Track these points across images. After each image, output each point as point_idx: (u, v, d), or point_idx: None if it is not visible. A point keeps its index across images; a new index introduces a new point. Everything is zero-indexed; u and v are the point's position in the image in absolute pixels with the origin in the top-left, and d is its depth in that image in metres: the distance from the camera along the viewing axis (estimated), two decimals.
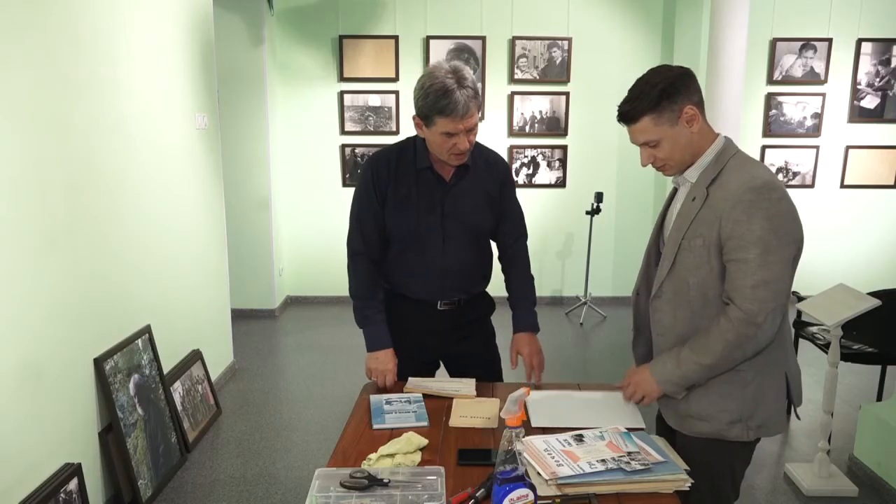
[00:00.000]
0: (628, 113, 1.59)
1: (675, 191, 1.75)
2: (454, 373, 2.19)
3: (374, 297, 2.01)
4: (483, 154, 2.02)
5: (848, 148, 5.81)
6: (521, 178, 5.95)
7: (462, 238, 1.99)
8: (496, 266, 2.16)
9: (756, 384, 1.58)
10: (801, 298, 3.27)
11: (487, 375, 2.12)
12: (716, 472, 1.61)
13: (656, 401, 1.72)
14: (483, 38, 5.70)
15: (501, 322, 2.28)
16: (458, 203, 1.96)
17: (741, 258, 1.48)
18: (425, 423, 1.76)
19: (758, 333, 1.50)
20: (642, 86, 1.57)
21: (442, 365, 2.24)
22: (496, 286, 2.18)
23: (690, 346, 1.58)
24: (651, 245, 1.77)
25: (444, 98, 1.74)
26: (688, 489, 1.44)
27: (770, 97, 5.72)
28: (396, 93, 5.76)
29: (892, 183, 5.87)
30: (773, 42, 5.65)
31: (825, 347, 3.30)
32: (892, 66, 5.69)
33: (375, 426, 1.76)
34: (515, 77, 5.77)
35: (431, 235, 1.97)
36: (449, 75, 1.76)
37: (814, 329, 3.65)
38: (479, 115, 1.87)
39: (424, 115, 1.81)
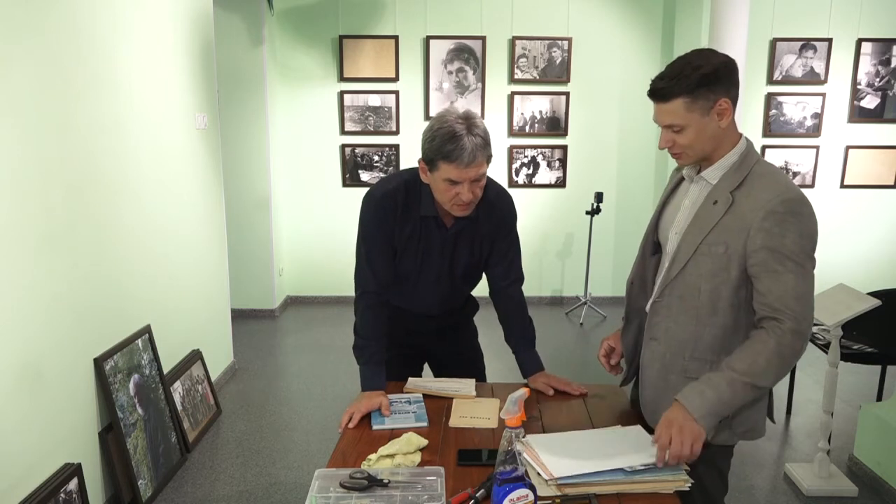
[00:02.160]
0: (662, 91, 1.49)
1: (678, 182, 1.70)
2: (437, 370, 2.23)
3: (378, 338, 1.95)
4: (485, 194, 1.86)
5: (848, 148, 5.81)
6: (521, 178, 5.95)
7: (458, 273, 2.00)
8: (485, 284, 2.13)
9: None
10: None
11: (470, 373, 2.13)
12: (703, 474, 1.58)
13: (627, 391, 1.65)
14: (483, 38, 5.70)
15: (485, 321, 2.31)
16: (458, 246, 1.94)
17: (777, 270, 1.43)
18: (425, 424, 1.76)
19: (804, 346, 1.45)
20: (683, 66, 1.48)
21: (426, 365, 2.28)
22: (480, 288, 2.14)
23: (732, 367, 1.46)
24: (648, 235, 1.73)
25: (450, 143, 1.66)
26: (688, 489, 1.44)
27: (770, 97, 5.72)
28: (396, 93, 5.76)
29: (892, 183, 5.87)
30: (773, 42, 5.65)
31: (825, 347, 3.30)
32: (892, 66, 5.68)
33: (375, 426, 1.76)
34: (515, 77, 5.77)
35: (430, 274, 1.97)
36: (459, 121, 1.68)
37: (814, 329, 3.65)
38: (488, 165, 1.75)
39: (429, 158, 1.72)
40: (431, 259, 1.94)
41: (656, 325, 1.63)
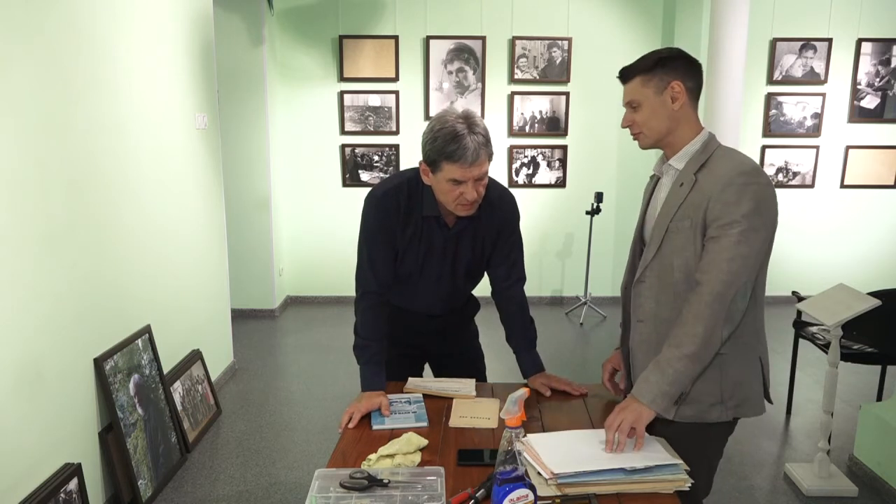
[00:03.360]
0: (625, 72, 1.66)
1: (656, 183, 1.76)
2: (437, 370, 2.23)
3: (378, 338, 1.94)
4: (488, 194, 1.86)
5: (848, 148, 5.81)
6: (521, 178, 5.95)
7: (459, 273, 2.00)
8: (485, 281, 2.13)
9: (735, 367, 1.60)
10: (801, 298, 3.27)
11: (470, 373, 2.14)
12: (692, 458, 1.57)
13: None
14: (483, 38, 5.70)
15: (485, 321, 2.31)
16: (460, 246, 1.94)
17: (722, 234, 1.51)
18: (425, 424, 1.76)
19: (731, 308, 1.51)
20: (650, 53, 1.65)
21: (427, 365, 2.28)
22: (481, 288, 2.14)
23: (667, 346, 1.56)
24: (636, 239, 1.78)
25: (452, 143, 1.67)
26: (688, 489, 1.44)
27: (770, 97, 5.72)
28: (396, 93, 5.76)
29: (892, 183, 5.87)
30: (773, 42, 5.65)
31: (825, 347, 3.30)
32: (892, 66, 5.69)
33: (375, 426, 1.76)
34: (515, 77, 5.77)
35: (431, 274, 1.97)
36: (460, 120, 1.69)
37: (814, 329, 3.65)
38: (490, 163, 1.75)
39: (431, 160, 1.73)
40: (433, 259, 1.94)
41: (640, 307, 1.69)
